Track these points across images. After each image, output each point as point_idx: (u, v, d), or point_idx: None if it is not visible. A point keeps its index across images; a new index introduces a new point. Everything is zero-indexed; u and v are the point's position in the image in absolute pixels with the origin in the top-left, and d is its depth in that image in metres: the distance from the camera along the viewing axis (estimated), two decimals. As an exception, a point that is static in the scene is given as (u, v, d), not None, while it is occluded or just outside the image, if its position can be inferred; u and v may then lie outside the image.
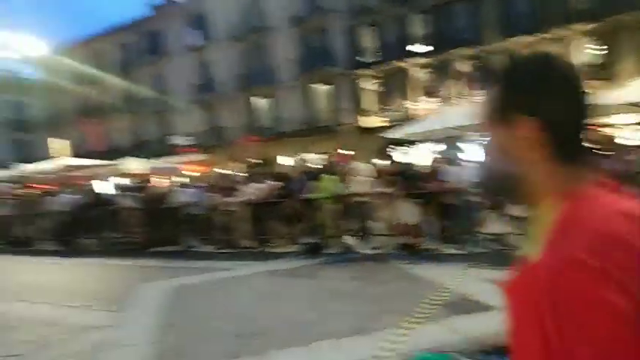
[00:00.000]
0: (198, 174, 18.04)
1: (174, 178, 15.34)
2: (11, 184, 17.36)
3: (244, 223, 9.00)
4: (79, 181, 17.04)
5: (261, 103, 26.81)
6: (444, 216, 7.47)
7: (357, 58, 23.36)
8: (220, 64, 27.38)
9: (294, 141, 22.86)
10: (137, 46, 30.67)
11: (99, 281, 7.61)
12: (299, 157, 19.14)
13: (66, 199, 12.22)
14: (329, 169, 9.13)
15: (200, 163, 22.53)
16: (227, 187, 9.99)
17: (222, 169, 20.82)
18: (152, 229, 10.25)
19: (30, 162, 22.12)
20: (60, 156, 22.44)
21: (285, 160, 22.57)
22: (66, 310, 5.81)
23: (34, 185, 17.63)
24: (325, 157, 20.54)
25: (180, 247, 9.75)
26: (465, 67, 21.52)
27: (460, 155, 9.85)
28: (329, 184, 8.20)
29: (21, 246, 12.33)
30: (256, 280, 6.82)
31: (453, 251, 7.28)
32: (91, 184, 15.47)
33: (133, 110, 30.34)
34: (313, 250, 8.07)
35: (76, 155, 23.92)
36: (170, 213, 10.00)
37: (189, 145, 26.42)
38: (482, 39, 19.88)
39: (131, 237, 10.73)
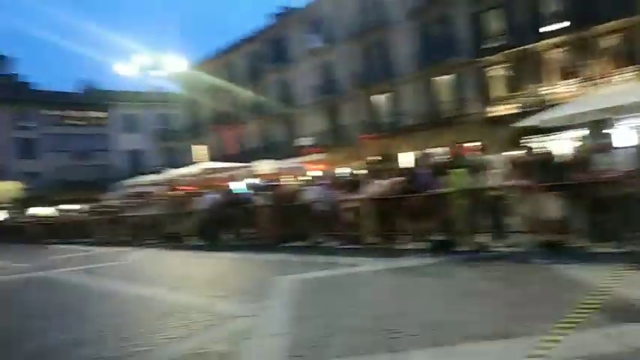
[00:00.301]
0: (322, 172, 18.57)
1: (300, 177, 16.02)
2: (162, 187, 19.72)
3: (369, 219, 9.00)
4: (217, 182, 18.72)
5: (381, 99, 26.69)
6: (596, 210, 6.60)
7: (483, 44, 21.95)
8: (340, 65, 27.90)
9: (416, 135, 22.34)
10: (262, 54, 32.70)
11: (238, 274, 8.25)
12: (422, 151, 18.62)
13: (207, 199, 13.49)
14: (457, 162, 8.69)
15: (323, 162, 23.23)
16: (351, 183, 10.11)
17: (344, 167, 21.21)
18: (283, 225, 10.81)
19: (176, 167, 24.89)
20: (201, 160, 24.95)
21: (406, 156, 22.17)
22: (212, 299, 6.37)
23: (180, 187, 19.82)
24: (450, 150, 19.71)
25: (308, 243, 10.11)
26: (609, 43, 18.96)
27: (611, 141, 8.67)
28: (458, 178, 7.80)
29: (172, 241, 13.92)
30: (383, 276, 6.75)
31: (607, 250, 6.40)
32: (228, 185, 16.89)
33: (262, 115, 32.45)
34: (442, 248, 7.75)
35: (214, 159, 26.34)
36: (299, 210, 10.45)
37: (313, 145, 27.39)
38: (633, 8, 17.27)
39: (264, 233, 11.45)
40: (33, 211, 33.83)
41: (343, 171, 19.19)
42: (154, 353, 4.41)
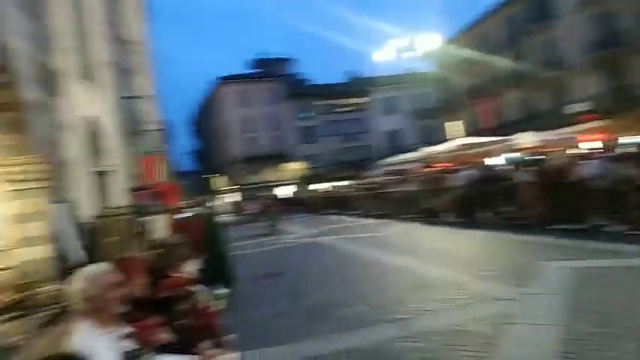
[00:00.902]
0: (600, 143, 15.70)
1: (572, 150, 13.92)
2: (418, 164, 20.22)
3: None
4: (473, 158, 18.03)
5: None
6: None
7: None
8: (626, 11, 22.76)
9: None
10: (522, 15, 29.57)
11: (496, 254, 7.75)
12: None
13: (463, 176, 13.15)
14: None
15: (602, 130, 19.55)
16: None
17: (632, 135, 17.34)
18: (550, 204, 9.61)
19: (432, 144, 25.10)
20: (455, 136, 24.52)
21: None
22: (468, 277, 6.18)
23: (436, 164, 19.94)
24: None
25: (583, 226, 8.69)
26: None
27: None
28: None
29: (428, 216, 14.15)
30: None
31: None
32: (484, 161, 16.07)
33: (522, 83, 29.53)
34: None
35: (470, 134, 25.47)
36: (571, 187, 9.07)
37: (588, 112, 23.39)
38: None
39: (527, 212, 10.44)
40: (313, 187, 40.02)
41: (631, 140, 15.75)
42: (411, 323, 4.56)
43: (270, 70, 50.64)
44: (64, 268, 6.58)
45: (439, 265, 7.26)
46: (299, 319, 5.29)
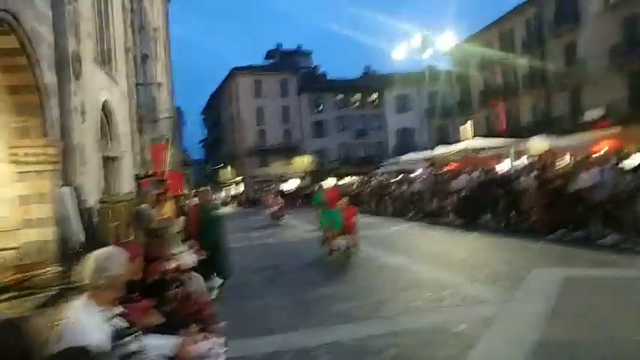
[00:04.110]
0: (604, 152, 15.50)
1: (581, 157, 13.82)
2: (426, 164, 20.17)
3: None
4: (482, 161, 17.91)
5: None
6: None
7: None
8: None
9: None
10: (543, 17, 29.18)
11: (492, 258, 7.82)
12: None
13: (467, 178, 13.13)
14: None
15: (616, 138, 19.31)
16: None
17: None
18: (552, 212, 9.60)
19: (444, 144, 24.95)
20: (466, 138, 24.41)
21: None
22: (461, 279, 6.28)
23: (444, 165, 19.88)
24: None
25: (583, 234, 8.71)
26: None
27: None
28: None
29: (431, 217, 14.18)
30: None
31: None
32: (492, 164, 16.01)
33: (539, 86, 29.19)
34: None
35: (482, 136, 25.28)
36: (573, 196, 9.05)
37: (603, 119, 23.08)
38: None
39: (530, 218, 10.44)
40: (321, 182, 40.02)
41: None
42: (396, 321, 4.70)
43: (285, 63, 50.72)
44: (66, 251, 6.79)
45: (434, 266, 7.36)
46: (290, 312, 5.43)
